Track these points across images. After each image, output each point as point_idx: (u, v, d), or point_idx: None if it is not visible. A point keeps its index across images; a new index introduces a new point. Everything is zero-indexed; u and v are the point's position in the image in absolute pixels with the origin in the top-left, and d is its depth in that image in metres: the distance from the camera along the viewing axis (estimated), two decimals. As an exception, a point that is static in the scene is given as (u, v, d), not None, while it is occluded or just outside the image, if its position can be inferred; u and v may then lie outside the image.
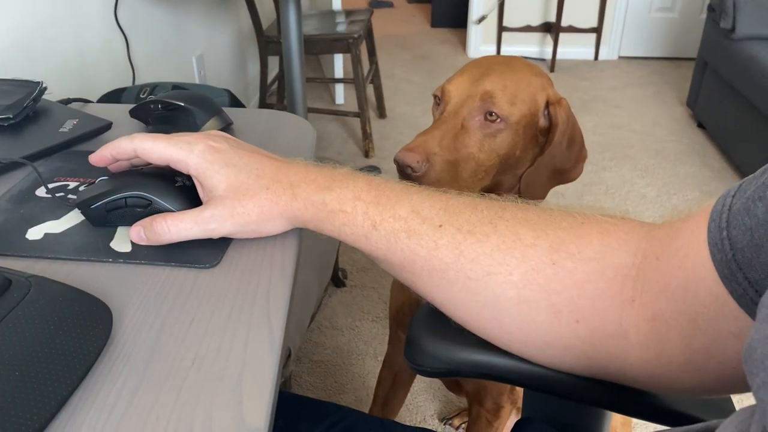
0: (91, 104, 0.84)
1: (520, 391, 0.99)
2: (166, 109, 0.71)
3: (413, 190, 0.49)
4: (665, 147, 2.78)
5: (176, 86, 1.21)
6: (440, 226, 0.46)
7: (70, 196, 0.60)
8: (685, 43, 3.76)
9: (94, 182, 0.57)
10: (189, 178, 0.55)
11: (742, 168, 2.50)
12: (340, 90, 3.19)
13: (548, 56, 3.75)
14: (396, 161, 0.83)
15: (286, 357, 1.08)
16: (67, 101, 0.81)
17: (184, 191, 0.54)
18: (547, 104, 0.89)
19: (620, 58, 3.90)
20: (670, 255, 0.41)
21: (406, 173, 0.82)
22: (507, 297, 0.45)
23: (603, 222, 0.45)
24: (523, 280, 0.44)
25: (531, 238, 0.45)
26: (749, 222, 0.35)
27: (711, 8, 2.73)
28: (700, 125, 2.92)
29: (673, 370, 0.42)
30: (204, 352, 0.42)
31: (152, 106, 0.72)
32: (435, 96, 0.92)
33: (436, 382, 1.55)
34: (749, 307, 0.36)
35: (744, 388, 0.38)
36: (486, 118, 0.86)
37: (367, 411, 1.32)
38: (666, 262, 0.41)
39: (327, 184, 0.49)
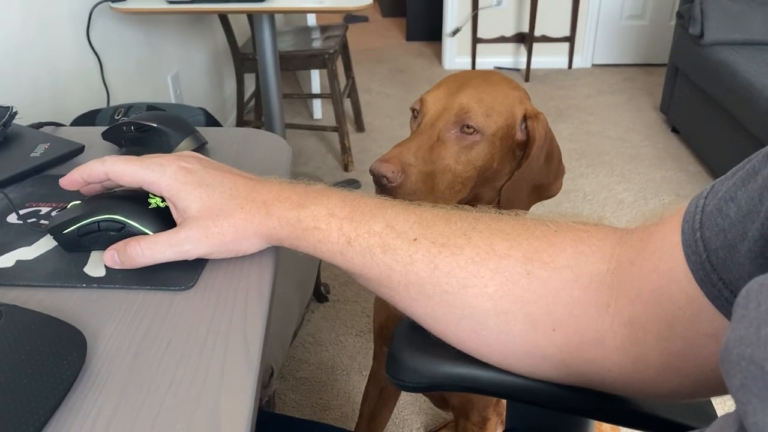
0: (63, 128, 0.83)
1: (504, 402, 0.98)
2: (138, 130, 0.71)
3: (387, 204, 0.49)
4: (640, 152, 2.81)
5: (151, 106, 1.20)
6: (415, 239, 0.46)
7: (42, 221, 0.59)
8: (656, 50, 3.82)
9: (66, 207, 0.56)
10: (163, 199, 0.55)
11: (716, 171, 2.53)
12: (317, 105, 3.19)
13: (523, 66, 3.79)
14: (371, 172, 0.83)
15: (269, 375, 1.07)
16: (38, 125, 0.80)
17: (158, 213, 0.54)
18: (525, 118, 0.90)
19: (593, 65, 3.95)
20: (644, 259, 0.41)
21: (381, 184, 0.83)
22: (484, 309, 0.45)
23: (576, 229, 0.45)
24: (498, 292, 0.44)
25: (505, 249, 0.45)
26: (722, 223, 0.36)
27: (680, 15, 2.78)
28: (674, 130, 2.96)
29: (651, 374, 0.42)
30: (181, 376, 0.42)
31: (125, 128, 0.71)
32: (413, 109, 0.92)
33: (422, 396, 1.54)
34: (725, 308, 0.36)
35: (723, 390, 0.39)
36: (462, 131, 0.86)
37: (353, 428, 1.31)
38: (640, 266, 0.41)
39: (301, 201, 0.49)
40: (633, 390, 0.46)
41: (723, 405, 1.05)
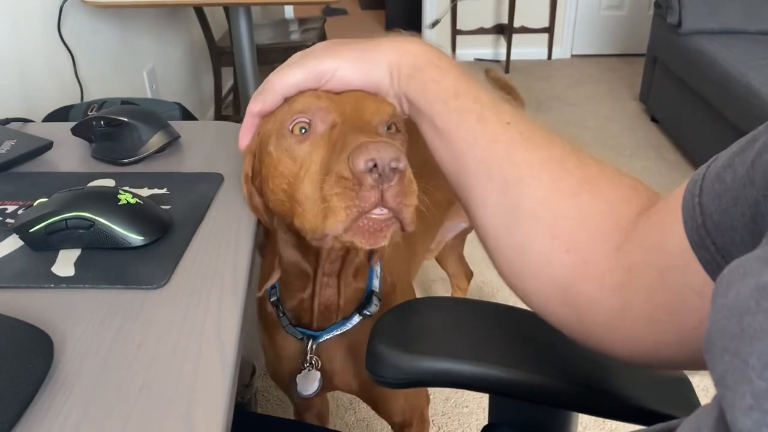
0: (31, 124, 0.81)
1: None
2: (109, 125, 0.69)
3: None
4: (621, 142, 2.82)
5: (125, 102, 1.18)
6: (508, 123, 0.48)
7: (8, 220, 0.57)
8: (634, 40, 3.83)
9: (32, 205, 0.54)
10: (133, 195, 0.53)
11: (696, 159, 2.55)
12: (297, 99, 3.17)
13: (502, 57, 3.79)
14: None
15: (251, 374, 1.06)
16: (5, 121, 0.78)
17: (129, 209, 0.52)
18: None
19: (573, 56, 3.95)
20: (654, 215, 0.43)
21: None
22: (523, 209, 0.46)
23: (636, 182, 0.48)
24: (543, 199, 0.46)
25: (572, 165, 0.47)
26: (719, 188, 0.36)
27: (657, 5, 2.79)
28: (654, 119, 2.98)
29: (636, 325, 0.43)
30: (152, 379, 0.40)
31: (95, 123, 0.69)
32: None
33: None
34: (715, 273, 0.36)
35: (699, 362, 0.39)
36: None
37: (332, 425, 1.30)
38: (650, 218, 0.43)
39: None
40: (613, 340, 0.45)
41: (705, 392, 1.06)
